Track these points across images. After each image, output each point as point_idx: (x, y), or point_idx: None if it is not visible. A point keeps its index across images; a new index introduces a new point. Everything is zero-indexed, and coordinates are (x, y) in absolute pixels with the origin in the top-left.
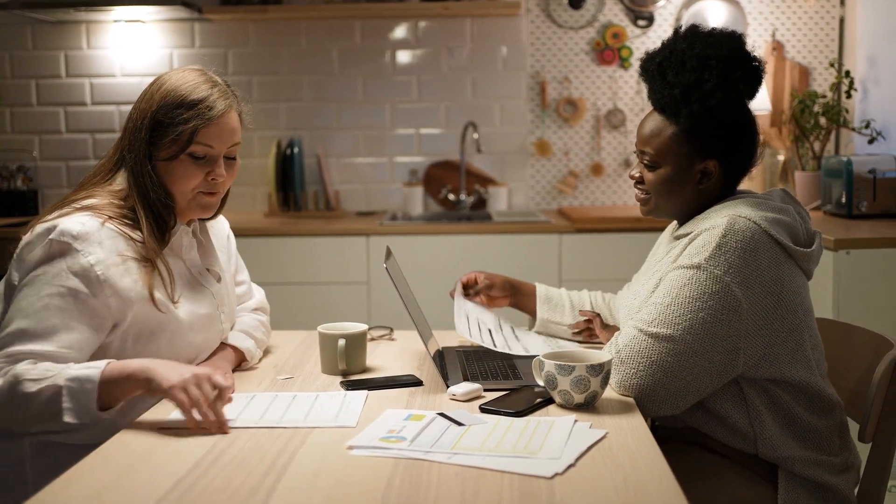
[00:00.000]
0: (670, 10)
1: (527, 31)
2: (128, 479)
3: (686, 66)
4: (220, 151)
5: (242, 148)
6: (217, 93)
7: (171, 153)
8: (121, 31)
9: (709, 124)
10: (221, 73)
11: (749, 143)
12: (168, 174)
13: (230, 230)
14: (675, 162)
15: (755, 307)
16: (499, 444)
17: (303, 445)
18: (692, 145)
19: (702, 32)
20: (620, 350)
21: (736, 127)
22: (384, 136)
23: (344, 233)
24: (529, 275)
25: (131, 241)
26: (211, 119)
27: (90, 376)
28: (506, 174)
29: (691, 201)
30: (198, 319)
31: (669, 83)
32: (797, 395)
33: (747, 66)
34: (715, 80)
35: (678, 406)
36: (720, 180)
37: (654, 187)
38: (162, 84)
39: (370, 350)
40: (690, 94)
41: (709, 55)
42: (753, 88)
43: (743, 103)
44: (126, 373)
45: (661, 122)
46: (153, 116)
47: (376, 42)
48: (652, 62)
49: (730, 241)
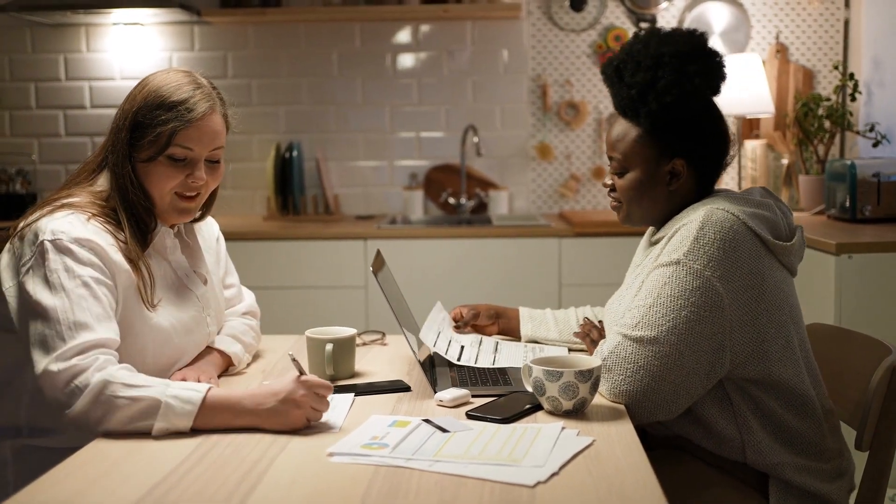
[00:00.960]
0: (673, 13)
1: (528, 33)
2: (102, 484)
3: (641, 66)
4: (201, 154)
5: (242, 151)
6: (200, 95)
7: (150, 154)
8: (120, 34)
9: (670, 122)
10: (219, 76)
11: (717, 140)
12: (146, 176)
13: (220, 232)
14: (642, 165)
15: (737, 301)
16: (482, 452)
17: (282, 451)
18: (657, 146)
19: (658, 32)
20: (606, 358)
21: (699, 123)
22: (384, 139)
23: (342, 237)
24: (529, 279)
25: (115, 239)
26: (190, 121)
27: (193, 399)
28: (507, 178)
29: (664, 204)
30: (182, 322)
31: (627, 84)
32: (785, 398)
33: (704, 61)
34: (669, 76)
35: (671, 411)
36: (692, 180)
37: (625, 193)
38: (146, 84)
39: (361, 354)
40: (647, 93)
41: (662, 52)
42: (712, 83)
43: (704, 99)
44: (231, 401)
45: (625, 126)
46: (134, 117)
47: (376, 45)
48: (610, 66)
49: (707, 232)
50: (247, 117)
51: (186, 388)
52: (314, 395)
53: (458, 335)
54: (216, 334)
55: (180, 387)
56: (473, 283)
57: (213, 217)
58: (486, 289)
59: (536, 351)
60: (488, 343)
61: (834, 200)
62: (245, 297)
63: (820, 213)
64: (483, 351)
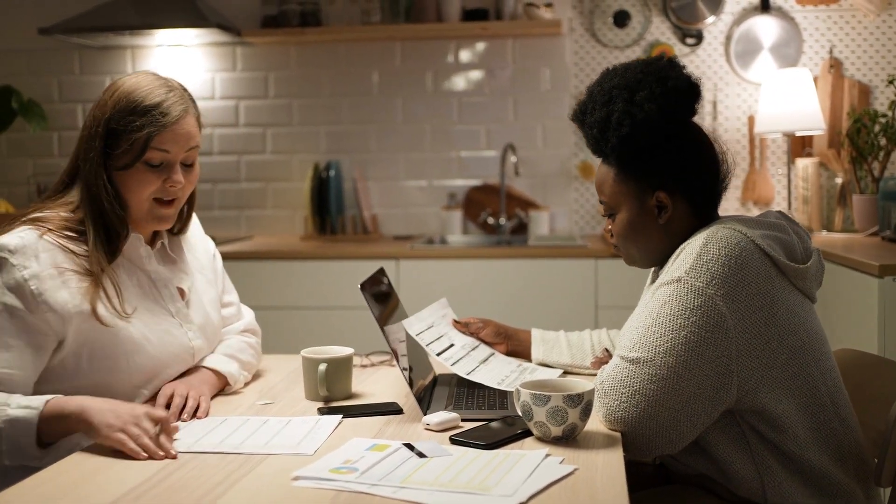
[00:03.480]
0: (720, 28)
1: (570, 50)
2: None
3: (597, 104)
4: (177, 157)
5: (282, 171)
6: (173, 98)
7: (126, 162)
8: (164, 56)
9: (636, 154)
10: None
11: (699, 165)
12: (123, 183)
13: (216, 250)
14: (627, 203)
15: (743, 323)
16: (454, 479)
17: (248, 474)
18: (634, 180)
19: (615, 69)
20: (604, 381)
21: (671, 151)
22: (425, 158)
23: (374, 256)
24: (564, 300)
25: (71, 253)
26: (165, 125)
27: (28, 418)
28: (548, 198)
29: (661, 240)
30: (156, 333)
31: (588, 125)
32: (806, 434)
33: (654, 87)
34: (621, 107)
35: (671, 440)
36: (684, 210)
37: (620, 235)
38: (116, 90)
39: (367, 375)
40: (605, 129)
41: (612, 86)
42: (670, 106)
43: (666, 122)
44: (64, 413)
45: (604, 168)
46: (107, 124)
47: (416, 64)
48: (577, 110)
49: (711, 249)
50: (287, 137)
51: (22, 409)
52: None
53: (454, 334)
54: (206, 351)
55: (16, 408)
56: (506, 304)
57: (253, 236)
58: (519, 310)
59: (528, 372)
60: (482, 352)
61: (888, 221)
62: (244, 314)
63: (874, 234)
64: (470, 357)
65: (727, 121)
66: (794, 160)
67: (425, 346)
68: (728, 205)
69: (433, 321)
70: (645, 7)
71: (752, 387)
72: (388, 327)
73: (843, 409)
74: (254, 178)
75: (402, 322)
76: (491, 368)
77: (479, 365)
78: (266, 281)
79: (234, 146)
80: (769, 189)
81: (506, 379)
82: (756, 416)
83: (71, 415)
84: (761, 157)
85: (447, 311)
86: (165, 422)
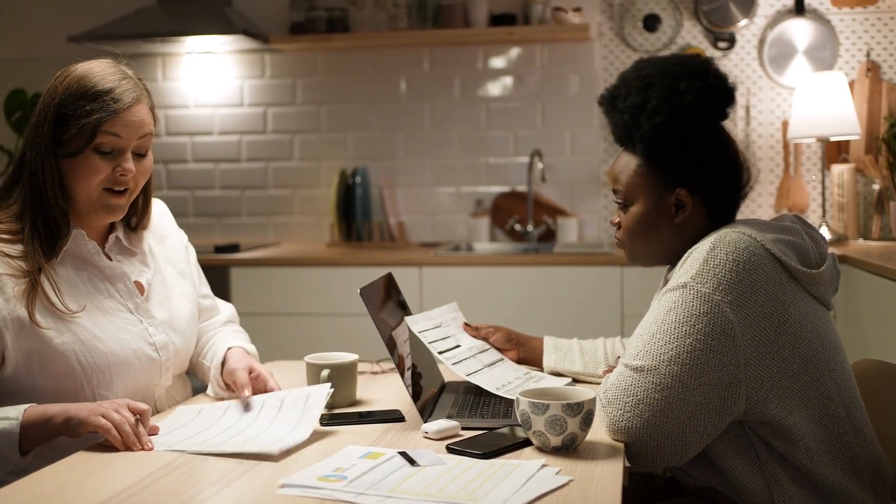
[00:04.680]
0: (753, 31)
1: (599, 55)
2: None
3: (632, 89)
4: (129, 144)
5: (310, 178)
6: (126, 84)
7: (75, 148)
8: (194, 63)
9: (666, 147)
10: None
11: (724, 168)
12: (71, 170)
13: (189, 242)
14: (644, 196)
15: (752, 331)
16: (443, 489)
17: (237, 480)
18: (658, 175)
19: (653, 58)
20: (607, 389)
21: (701, 148)
22: (452, 165)
23: (397, 263)
24: (589, 309)
25: (6, 257)
26: (117, 111)
27: (10, 429)
28: (577, 205)
29: (672, 240)
30: (108, 330)
31: (619, 110)
32: (818, 446)
33: (696, 79)
34: (659, 95)
35: (677, 452)
36: (701, 213)
37: (629, 229)
38: (67, 75)
39: (375, 382)
40: (639, 115)
41: (652, 73)
42: (707, 102)
43: (700, 119)
44: (48, 415)
45: (626, 157)
46: (56, 109)
47: (444, 70)
48: (605, 94)
49: (718, 253)
50: (315, 144)
51: (2, 420)
52: (132, 407)
53: (463, 336)
54: (178, 345)
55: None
56: (527, 312)
57: (280, 242)
58: (544, 318)
59: (535, 380)
60: (490, 356)
61: None
62: (222, 308)
63: None
64: (476, 360)
65: (761, 126)
66: (830, 166)
67: (427, 344)
68: (762, 212)
69: (441, 321)
70: (676, 10)
71: (762, 397)
72: (393, 332)
73: (859, 421)
74: (281, 184)
75: (406, 319)
76: (496, 373)
77: (483, 368)
78: (292, 287)
79: (262, 153)
80: (804, 196)
81: (507, 385)
82: (765, 427)
83: (55, 416)
84: (796, 163)
85: (457, 315)
86: (145, 413)
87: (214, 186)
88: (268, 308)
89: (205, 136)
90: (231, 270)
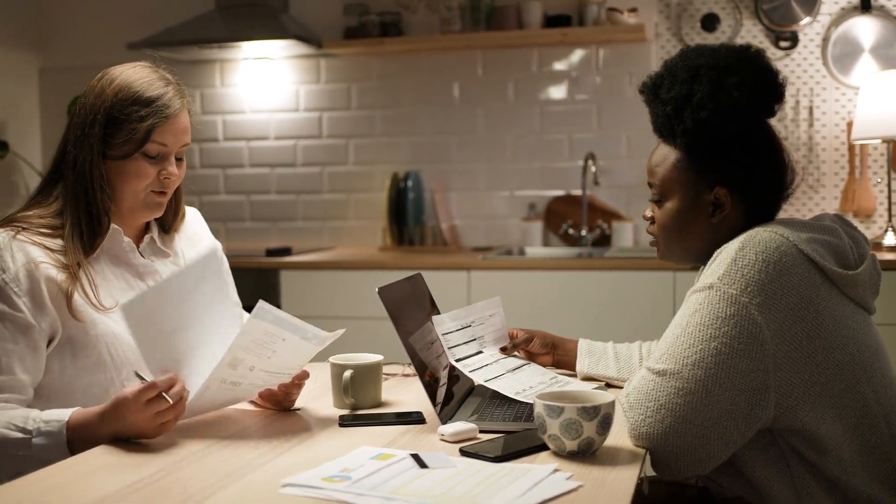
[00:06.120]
0: (816, 30)
1: (656, 56)
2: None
3: (677, 80)
4: (173, 150)
5: (364, 182)
6: (172, 91)
7: (125, 151)
8: (250, 69)
9: (708, 142)
10: (343, 108)
11: (768, 168)
12: (119, 172)
13: (223, 253)
14: (681, 192)
15: (782, 335)
16: (447, 492)
17: (240, 479)
18: (697, 171)
19: (701, 47)
20: (629, 393)
21: (745, 146)
22: (506, 169)
23: (445, 267)
24: (640, 314)
25: (46, 249)
26: (167, 117)
27: (57, 431)
28: (632, 208)
29: (705, 239)
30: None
31: (662, 101)
32: (853, 457)
33: (746, 74)
34: (705, 88)
35: (701, 460)
36: (738, 213)
37: (663, 225)
38: (113, 79)
39: (405, 384)
40: (682, 108)
41: (700, 65)
42: (756, 99)
43: (747, 116)
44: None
45: (664, 150)
46: (107, 112)
47: (497, 73)
48: (648, 83)
49: (748, 253)
50: (370, 148)
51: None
52: (143, 403)
53: (489, 339)
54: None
55: (45, 425)
56: (577, 317)
57: (335, 246)
58: (593, 323)
59: (560, 384)
60: (513, 360)
61: None
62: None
63: None
64: (499, 365)
65: (825, 127)
66: None
67: (447, 349)
68: None
69: (472, 320)
70: (735, 9)
71: (792, 404)
72: (414, 335)
73: None
74: (336, 188)
75: (433, 318)
76: (518, 378)
77: (506, 373)
78: (340, 291)
79: (317, 157)
80: (870, 199)
81: (529, 389)
82: (796, 435)
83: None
84: (861, 166)
85: (497, 312)
86: (152, 387)
87: (270, 191)
88: (317, 311)
89: (261, 141)
90: (281, 273)
